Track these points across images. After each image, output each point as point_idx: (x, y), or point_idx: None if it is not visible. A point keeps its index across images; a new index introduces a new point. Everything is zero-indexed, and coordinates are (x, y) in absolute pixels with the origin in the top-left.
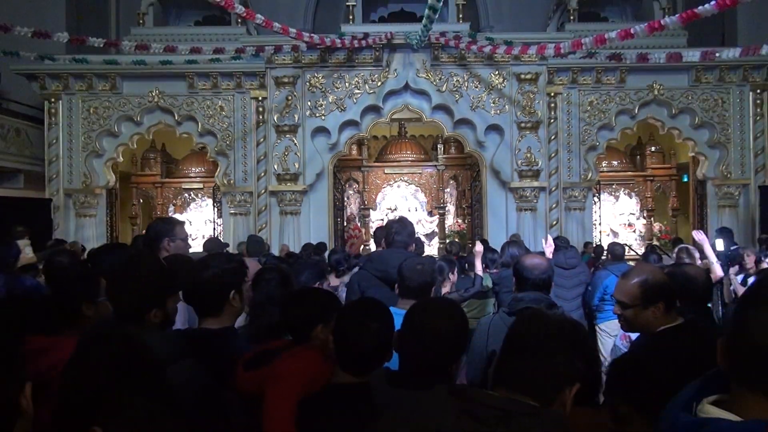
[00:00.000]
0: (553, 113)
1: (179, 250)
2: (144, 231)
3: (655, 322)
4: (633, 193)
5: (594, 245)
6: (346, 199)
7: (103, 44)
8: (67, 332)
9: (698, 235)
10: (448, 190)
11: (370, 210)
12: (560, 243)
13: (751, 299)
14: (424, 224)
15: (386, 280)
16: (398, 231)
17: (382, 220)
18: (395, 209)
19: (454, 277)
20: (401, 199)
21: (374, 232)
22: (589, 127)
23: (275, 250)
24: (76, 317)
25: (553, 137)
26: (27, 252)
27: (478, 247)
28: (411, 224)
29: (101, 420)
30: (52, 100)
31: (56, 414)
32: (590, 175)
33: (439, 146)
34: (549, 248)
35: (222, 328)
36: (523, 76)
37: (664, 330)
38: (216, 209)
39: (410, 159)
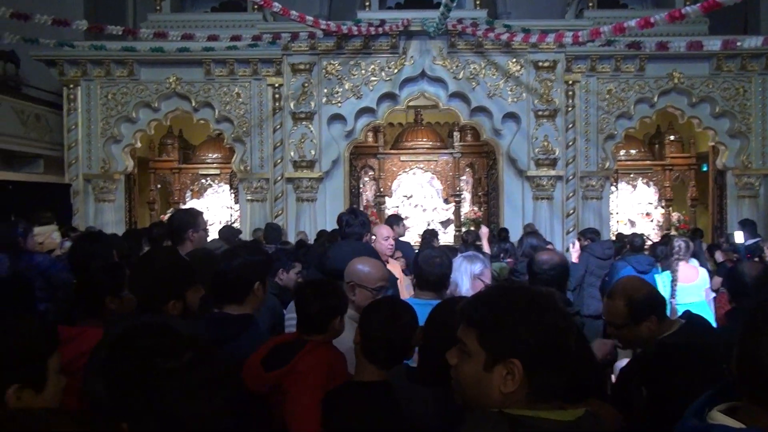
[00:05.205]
0: (570, 101)
1: (202, 241)
2: (161, 217)
3: (651, 335)
4: (651, 183)
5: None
6: (361, 186)
7: (122, 32)
8: (90, 322)
9: None
10: (464, 177)
11: (386, 197)
12: (590, 235)
13: (761, 323)
14: (439, 212)
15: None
16: (349, 222)
17: (398, 207)
18: (411, 197)
19: None
20: (417, 186)
21: (387, 219)
22: (608, 115)
23: (291, 237)
24: (99, 309)
25: (570, 126)
26: (54, 237)
27: (484, 230)
28: (363, 214)
29: (130, 416)
30: (71, 86)
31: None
32: (608, 164)
33: (455, 134)
34: (576, 252)
35: (242, 315)
36: (540, 64)
37: (667, 336)
38: (233, 195)
39: (426, 146)
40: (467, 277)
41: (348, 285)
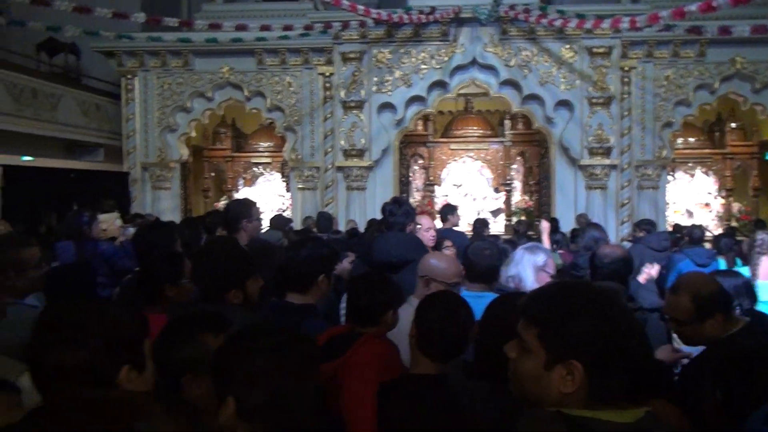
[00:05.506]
0: (626, 88)
1: (255, 230)
2: (215, 204)
3: (715, 333)
4: (710, 172)
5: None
6: (411, 174)
7: (177, 23)
8: (150, 309)
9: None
10: (515, 166)
11: (435, 186)
12: (645, 226)
13: None
14: (489, 201)
15: (392, 267)
16: (393, 212)
17: (447, 196)
18: (460, 185)
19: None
20: (467, 175)
21: (440, 210)
22: (665, 102)
23: (341, 226)
24: (159, 296)
25: (626, 113)
26: (117, 224)
27: (544, 224)
28: (406, 202)
29: (234, 389)
30: (129, 76)
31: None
32: (665, 152)
33: (506, 122)
34: (646, 277)
35: (304, 304)
36: (595, 50)
37: (734, 335)
38: (284, 184)
39: (476, 135)
40: (530, 269)
41: (422, 279)
